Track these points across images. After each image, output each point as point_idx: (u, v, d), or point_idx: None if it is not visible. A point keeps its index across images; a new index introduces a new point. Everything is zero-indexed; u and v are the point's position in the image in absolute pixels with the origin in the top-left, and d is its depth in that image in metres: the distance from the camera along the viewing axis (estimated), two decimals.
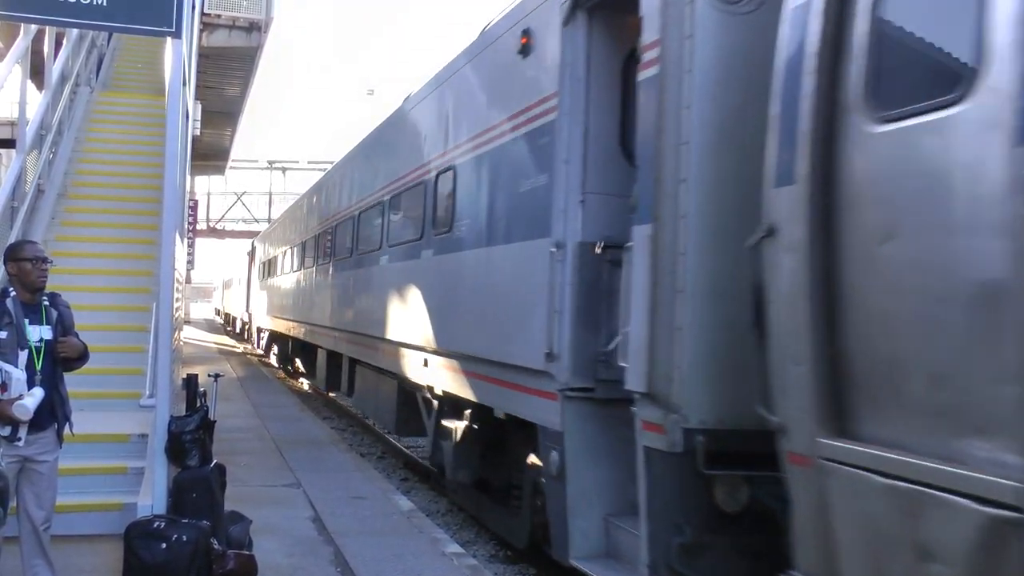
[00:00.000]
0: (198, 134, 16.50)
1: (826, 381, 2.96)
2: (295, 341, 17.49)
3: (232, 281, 41.59)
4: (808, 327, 3.00)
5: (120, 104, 12.45)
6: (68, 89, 10.94)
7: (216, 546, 4.66)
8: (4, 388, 3.92)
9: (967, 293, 2.48)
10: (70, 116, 11.11)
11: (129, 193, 9.97)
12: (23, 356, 4.07)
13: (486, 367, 6.14)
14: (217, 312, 57.78)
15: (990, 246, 2.38)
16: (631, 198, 4.47)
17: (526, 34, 5.67)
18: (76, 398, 4.52)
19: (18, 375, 3.97)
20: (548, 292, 5.04)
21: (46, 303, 4.26)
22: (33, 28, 8.66)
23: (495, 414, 6.12)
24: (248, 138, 71.62)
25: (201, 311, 68.40)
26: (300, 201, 18.26)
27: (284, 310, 18.25)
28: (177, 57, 5.71)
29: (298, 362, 18.15)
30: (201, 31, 15.37)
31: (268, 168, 42.90)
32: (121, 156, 10.77)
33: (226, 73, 20.14)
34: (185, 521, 4.68)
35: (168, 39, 6.05)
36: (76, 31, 10.83)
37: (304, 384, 18.87)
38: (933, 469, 2.49)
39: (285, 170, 42.97)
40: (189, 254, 24.68)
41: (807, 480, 3.06)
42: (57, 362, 4.25)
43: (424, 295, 7.64)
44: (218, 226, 42.23)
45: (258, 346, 25.77)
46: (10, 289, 4.19)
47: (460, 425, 6.88)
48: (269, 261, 22.07)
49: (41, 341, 4.15)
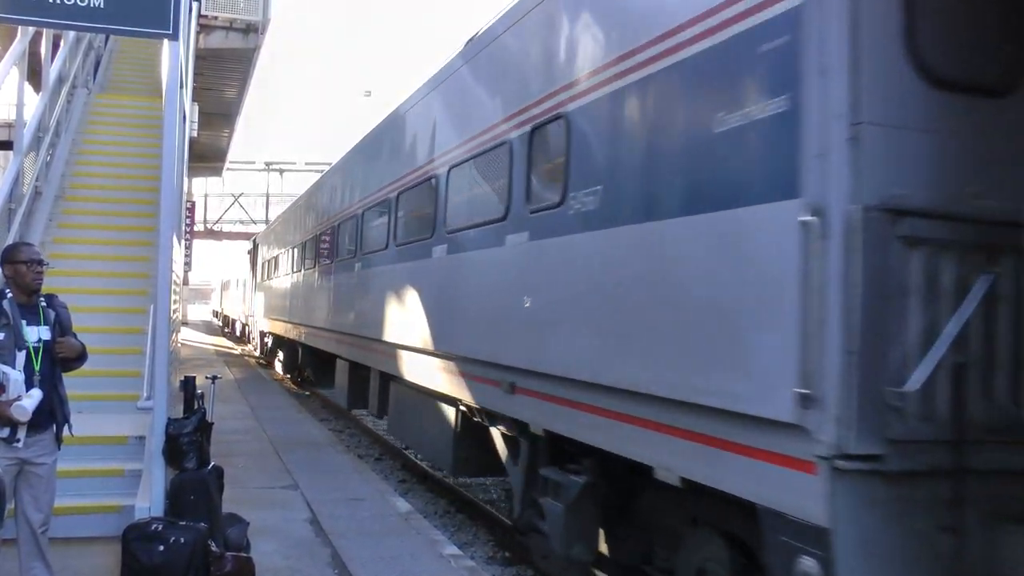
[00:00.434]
0: (195, 135, 16.48)
1: None
2: (306, 348, 15.67)
3: (230, 283, 41.57)
4: None
5: (117, 106, 12.46)
6: (65, 91, 10.94)
7: (214, 548, 4.66)
8: (2, 389, 3.91)
9: None
10: (67, 118, 11.11)
11: (126, 195, 9.98)
12: (21, 357, 4.06)
13: (642, 406, 4.18)
14: (215, 314, 57.78)
15: None
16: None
17: None
18: (74, 400, 4.51)
19: (16, 376, 3.96)
20: (797, 292, 3.20)
21: (43, 304, 4.26)
22: (30, 30, 8.65)
23: (656, 475, 4.21)
24: (245, 139, 71.60)
25: (199, 313, 68.37)
26: (321, 183, 15.36)
27: (293, 313, 16.27)
28: (174, 59, 5.72)
29: (308, 372, 16.77)
30: (198, 33, 15.37)
31: (265, 169, 42.95)
32: (118, 158, 10.78)
33: (223, 75, 20.15)
34: (183, 523, 4.68)
35: (165, 41, 6.04)
36: (73, 33, 10.83)
37: (314, 395, 17.29)
38: None
39: (282, 171, 43.02)
40: (186, 256, 24.57)
41: None
42: (56, 363, 4.25)
43: (508, 296, 5.66)
44: (215, 227, 42.25)
45: (261, 352, 24.00)
46: (7, 291, 4.19)
47: (576, 481, 5.01)
48: (274, 259, 19.83)
49: (39, 342, 4.15)
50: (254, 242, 26.66)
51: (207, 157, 29.01)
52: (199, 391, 5.98)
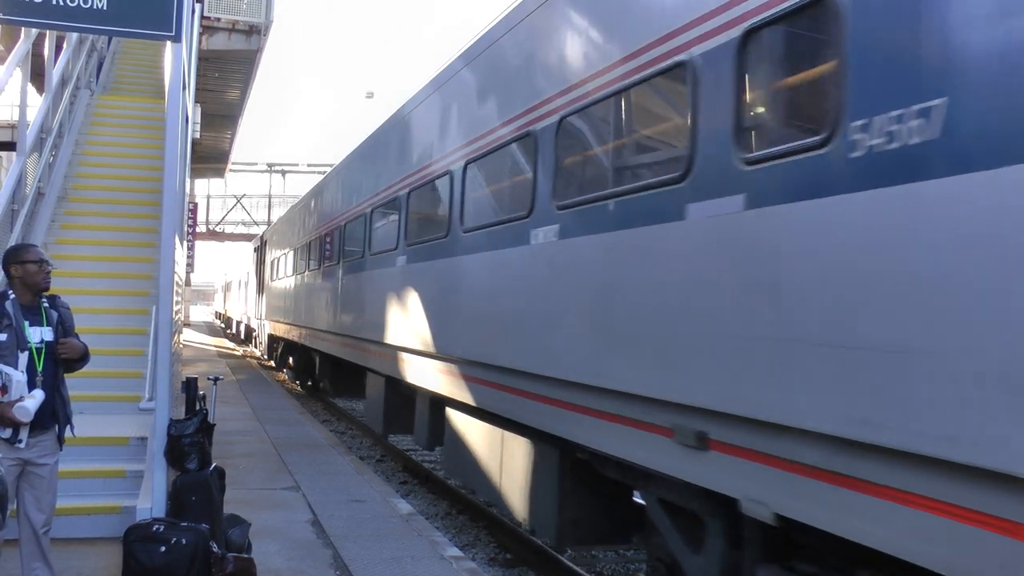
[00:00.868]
0: (198, 137, 16.56)
1: None
2: (324, 357, 14.09)
3: (232, 284, 41.55)
4: None
5: (120, 107, 12.50)
6: (68, 92, 10.96)
7: (215, 549, 4.65)
8: (4, 390, 3.92)
9: None
10: (70, 119, 11.13)
11: (129, 196, 10.01)
12: (23, 358, 4.07)
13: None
14: (218, 315, 57.79)
15: None
16: None
17: None
18: (75, 401, 4.53)
19: (18, 377, 3.97)
20: None
21: (46, 305, 4.26)
22: (34, 31, 8.67)
23: None
24: (248, 141, 71.95)
25: (201, 314, 68.45)
26: (348, 161, 12.39)
27: (310, 317, 14.22)
28: (177, 61, 5.72)
29: (326, 383, 15.28)
30: (201, 34, 15.41)
31: (268, 171, 43.05)
32: (121, 159, 10.80)
33: (226, 76, 20.20)
34: (184, 524, 4.68)
35: (168, 42, 6.05)
36: (76, 34, 10.86)
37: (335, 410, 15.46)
38: None
39: (285, 173, 43.11)
40: (189, 257, 24.60)
41: None
42: (58, 364, 4.25)
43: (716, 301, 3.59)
44: (218, 229, 42.32)
45: (270, 358, 22.09)
46: (9, 292, 4.19)
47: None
48: (288, 255, 17.64)
49: (42, 343, 4.16)
50: (262, 239, 24.66)
51: (209, 158, 29.08)
52: (201, 392, 5.98)
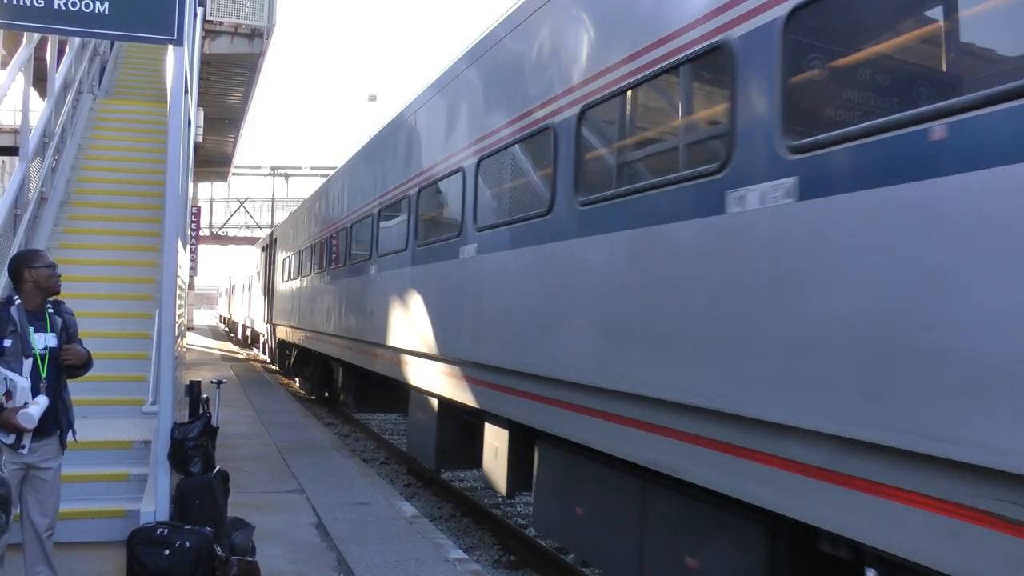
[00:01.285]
0: (200, 141, 16.57)
1: None
2: (349, 368, 12.36)
3: (235, 287, 41.58)
4: None
5: (122, 111, 12.53)
6: (71, 96, 10.99)
7: (219, 552, 4.66)
8: (9, 396, 3.92)
9: None
10: (73, 123, 11.16)
11: (132, 200, 10.03)
12: (28, 364, 4.07)
13: None
14: (221, 319, 57.83)
15: None
16: None
17: None
18: (79, 405, 4.53)
19: (23, 384, 3.97)
20: None
21: (50, 311, 4.26)
22: (36, 36, 8.69)
23: None
24: (251, 144, 72.14)
25: (204, 318, 68.51)
26: (379, 138, 10.46)
27: (331, 323, 12.53)
28: (179, 64, 5.72)
29: (348, 397, 13.50)
30: (203, 38, 15.42)
31: (271, 174, 43.04)
32: (123, 163, 10.83)
33: (228, 80, 20.20)
34: (188, 528, 4.68)
35: (170, 46, 6.06)
36: (79, 39, 10.88)
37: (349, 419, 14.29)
38: None
39: (288, 176, 43.09)
40: (192, 260, 24.63)
41: None
42: (61, 370, 4.25)
43: None
44: (221, 232, 42.35)
45: (281, 366, 20.44)
46: (14, 297, 4.20)
47: None
48: (303, 253, 15.86)
49: (46, 349, 4.16)
50: (271, 237, 23.08)
51: (212, 162, 29.07)
52: (204, 395, 5.98)
